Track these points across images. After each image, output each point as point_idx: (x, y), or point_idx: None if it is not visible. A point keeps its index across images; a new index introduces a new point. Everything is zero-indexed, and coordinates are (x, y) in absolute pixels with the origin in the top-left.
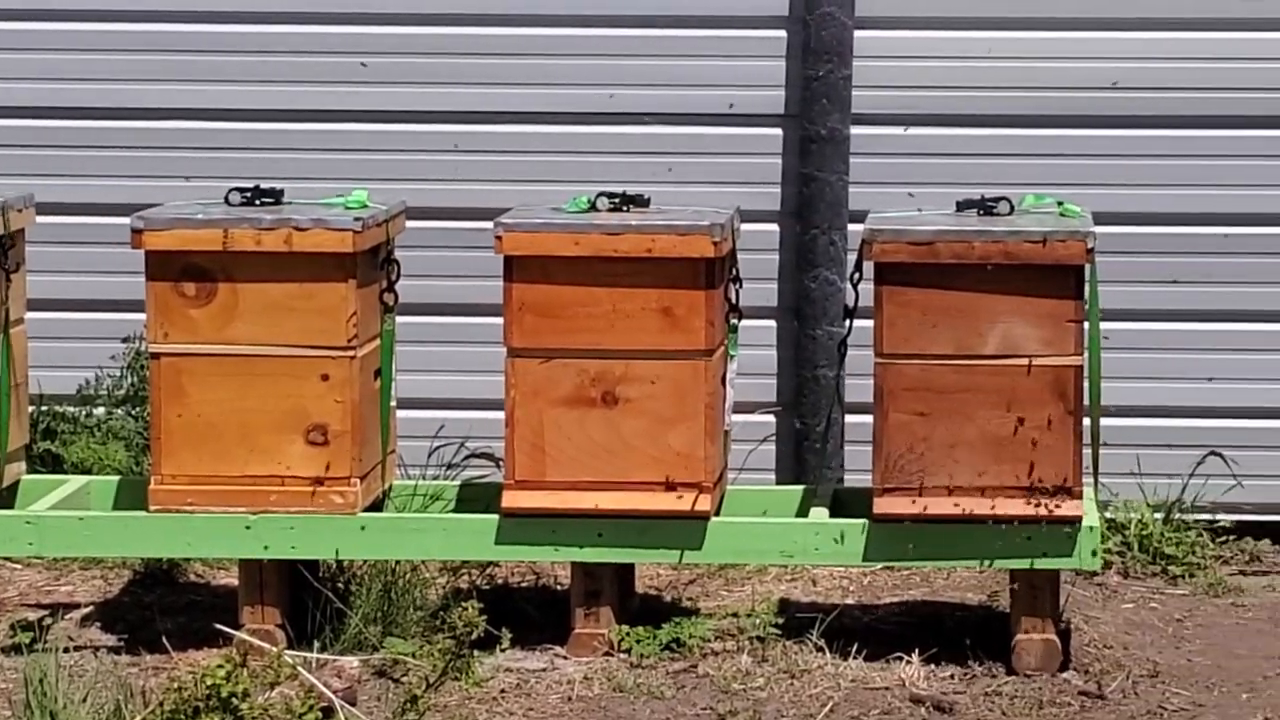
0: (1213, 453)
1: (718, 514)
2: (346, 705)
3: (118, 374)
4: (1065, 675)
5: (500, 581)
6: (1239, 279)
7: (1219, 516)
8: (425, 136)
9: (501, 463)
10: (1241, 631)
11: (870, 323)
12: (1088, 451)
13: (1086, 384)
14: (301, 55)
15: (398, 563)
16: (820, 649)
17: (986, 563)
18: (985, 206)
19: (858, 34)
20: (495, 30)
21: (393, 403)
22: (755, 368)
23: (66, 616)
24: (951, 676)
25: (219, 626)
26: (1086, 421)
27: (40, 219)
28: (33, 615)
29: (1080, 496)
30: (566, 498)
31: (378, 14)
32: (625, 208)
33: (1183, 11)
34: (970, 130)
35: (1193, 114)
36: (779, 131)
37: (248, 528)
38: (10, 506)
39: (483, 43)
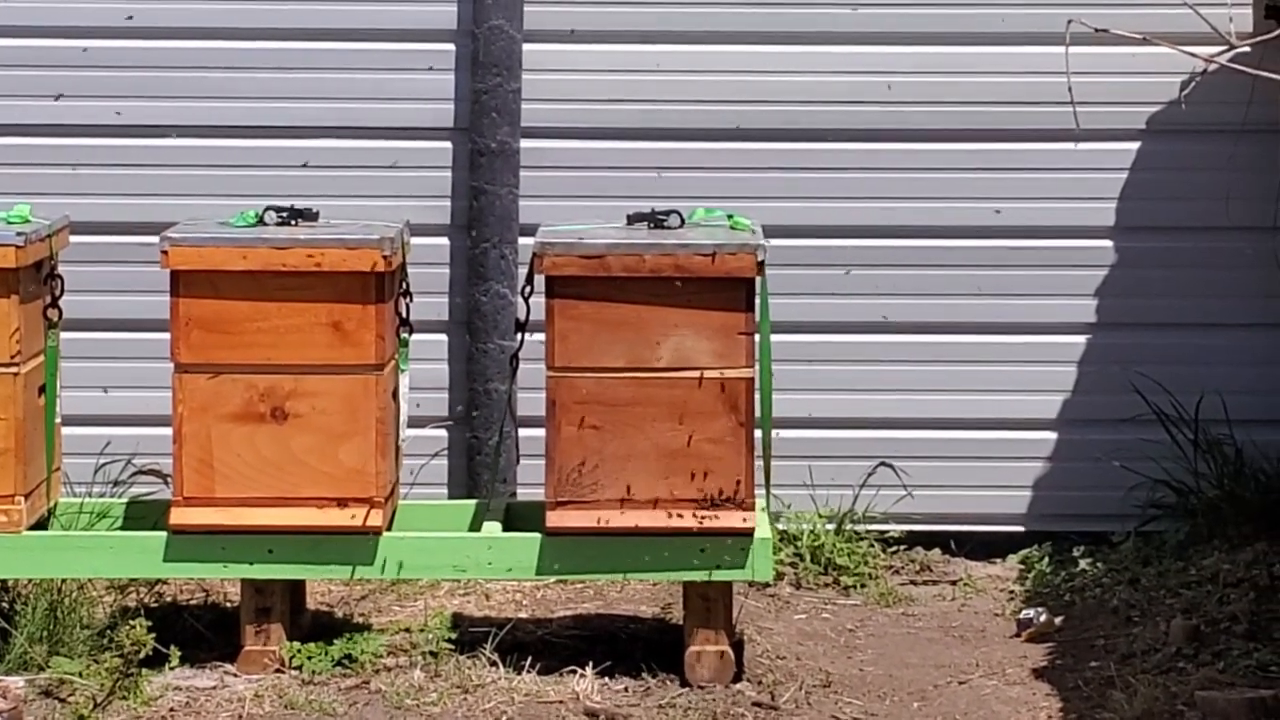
0: (883, 463)
1: (390, 529)
2: None
3: None
4: (739, 686)
5: (169, 599)
6: (907, 291)
7: (890, 527)
8: (90, 150)
9: (170, 479)
10: (912, 641)
11: (542, 336)
12: (760, 463)
13: (758, 396)
14: None
15: (64, 581)
16: (494, 663)
17: (660, 575)
18: (656, 220)
19: (527, 47)
20: (164, 43)
21: (58, 419)
22: (427, 382)
23: None
24: (626, 689)
25: None
26: (758, 433)
27: None
28: None
29: (752, 508)
30: (236, 514)
31: (46, 27)
32: (294, 222)
33: (852, 26)
34: (640, 143)
35: (860, 128)
36: (448, 145)
37: None
38: None
39: (151, 55)
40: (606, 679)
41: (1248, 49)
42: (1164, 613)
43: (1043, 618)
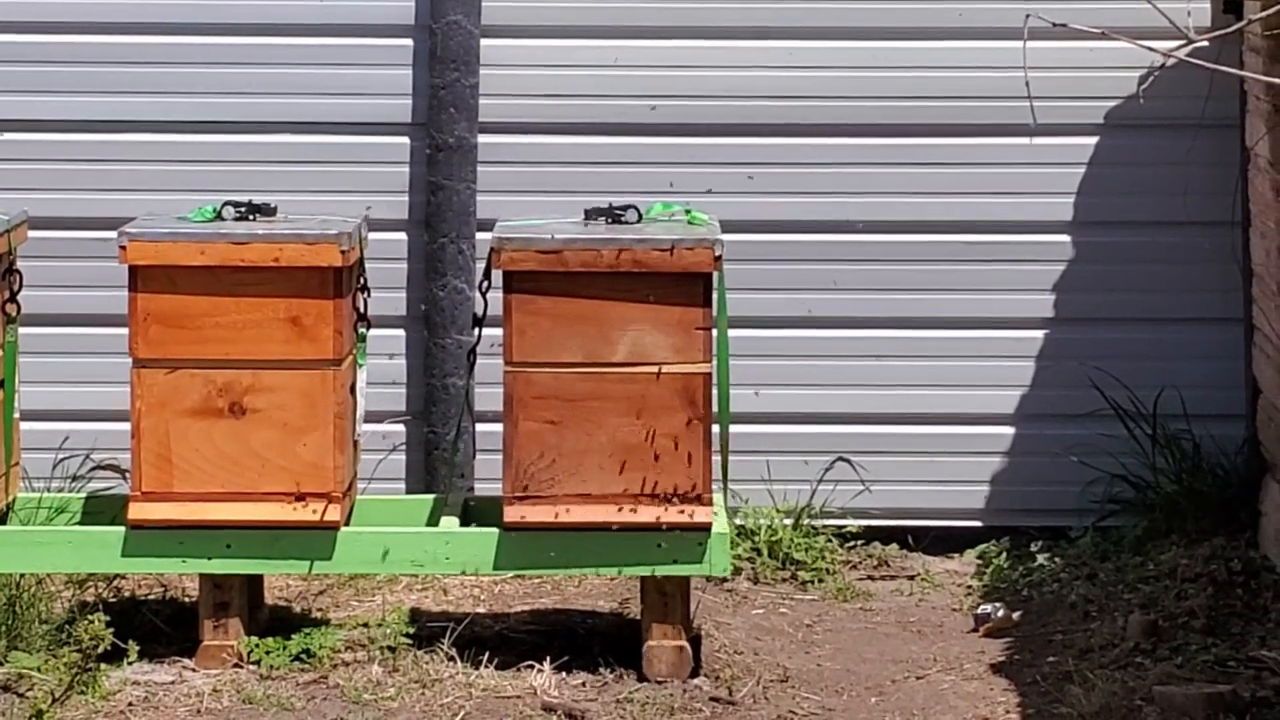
0: (840, 458)
1: (348, 524)
2: None
3: None
4: (696, 681)
5: (128, 594)
6: (865, 286)
7: (847, 522)
8: (48, 145)
9: (128, 474)
10: (870, 635)
11: (500, 331)
12: (717, 458)
13: (716, 391)
14: None
15: (23, 576)
16: (452, 658)
17: (618, 570)
18: (613, 215)
19: (484, 42)
20: (119, 38)
21: (16, 414)
22: (384, 377)
23: None
24: (583, 684)
25: None
26: (716, 428)
27: None
28: None
29: (710, 503)
30: (194, 509)
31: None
32: (252, 217)
33: (808, 21)
34: (598, 138)
35: (817, 123)
36: (406, 140)
37: None
38: None
39: (105, 50)
40: (564, 674)
41: (1206, 43)
42: (1122, 608)
43: (1000, 613)
